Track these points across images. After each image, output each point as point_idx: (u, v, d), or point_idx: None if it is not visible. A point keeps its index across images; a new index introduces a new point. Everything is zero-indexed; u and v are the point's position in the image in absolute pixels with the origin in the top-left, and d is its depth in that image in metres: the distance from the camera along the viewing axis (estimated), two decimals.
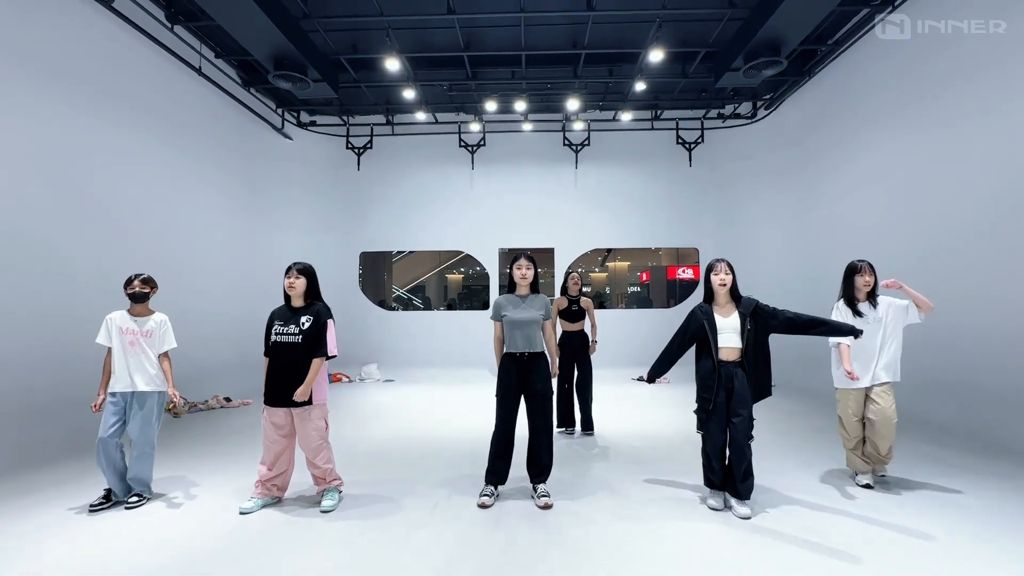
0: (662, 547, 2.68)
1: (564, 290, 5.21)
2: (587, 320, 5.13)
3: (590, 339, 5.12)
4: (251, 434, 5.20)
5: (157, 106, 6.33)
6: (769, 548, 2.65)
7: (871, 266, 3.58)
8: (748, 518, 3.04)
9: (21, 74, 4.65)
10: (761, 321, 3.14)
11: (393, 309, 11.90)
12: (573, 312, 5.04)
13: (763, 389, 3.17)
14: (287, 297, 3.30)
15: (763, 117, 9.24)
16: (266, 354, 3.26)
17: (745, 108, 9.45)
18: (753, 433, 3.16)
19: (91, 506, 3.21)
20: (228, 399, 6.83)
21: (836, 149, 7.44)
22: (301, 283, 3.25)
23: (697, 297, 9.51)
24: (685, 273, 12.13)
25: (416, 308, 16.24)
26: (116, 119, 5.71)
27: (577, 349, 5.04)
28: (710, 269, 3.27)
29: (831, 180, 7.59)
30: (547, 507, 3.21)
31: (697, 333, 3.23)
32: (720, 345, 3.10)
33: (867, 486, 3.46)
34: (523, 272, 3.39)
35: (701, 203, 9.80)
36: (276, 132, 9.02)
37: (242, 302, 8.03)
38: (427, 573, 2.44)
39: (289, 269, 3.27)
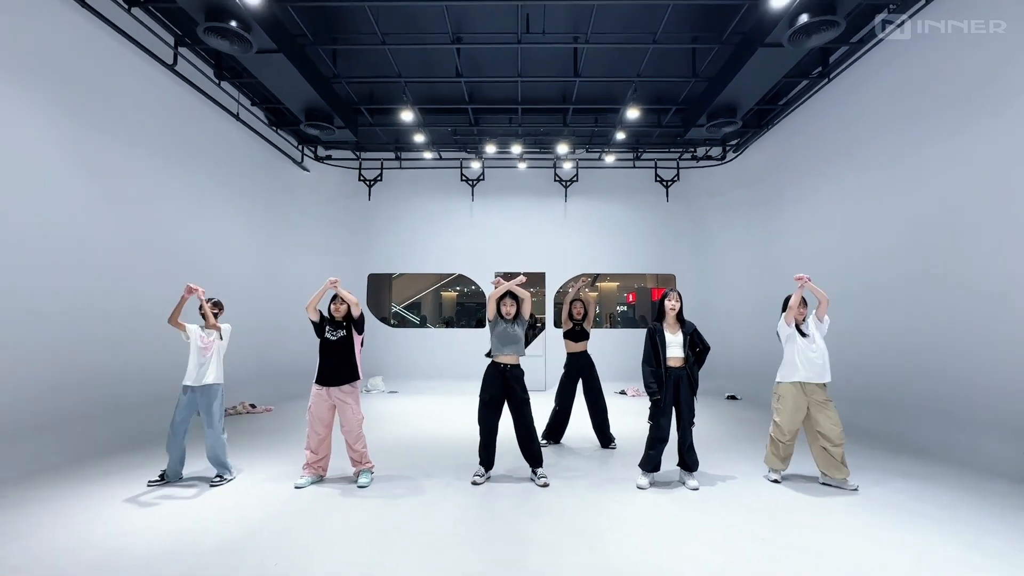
0: (622, 509, 3.63)
1: (569, 315, 5.62)
2: (589, 340, 5.59)
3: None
4: (281, 434, 6.08)
5: (201, 148, 7.32)
6: (707, 510, 3.61)
7: (804, 300, 4.40)
8: (696, 489, 4.01)
9: (100, 126, 5.63)
10: (694, 343, 4.15)
11: (394, 326, 12.79)
12: (577, 333, 5.55)
13: (695, 385, 4.15)
14: (331, 316, 4.30)
15: (731, 159, 10.41)
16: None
17: (716, 151, 10.63)
18: (695, 420, 4.15)
19: (149, 482, 4.09)
20: (253, 405, 7.67)
21: (793, 189, 8.56)
22: (344, 307, 4.28)
23: None
24: None
25: (415, 325, 17.09)
26: (170, 161, 6.68)
27: (583, 368, 5.50)
28: (665, 296, 4.26)
29: (789, 216, 8.70)
30: (546, 485, 4.12)
31: (653, 342, 4.16)
32: (668, 355, 4.08)
33: (776, 481, 4.18)
34: (507, 309, 4.36)
35: (677, 234, 10.90)
36: (296, 165, 10.03)
37: (263, 318, 8.90)
38: (443, 524, 3.36)
39: (334, 298, 4.28)
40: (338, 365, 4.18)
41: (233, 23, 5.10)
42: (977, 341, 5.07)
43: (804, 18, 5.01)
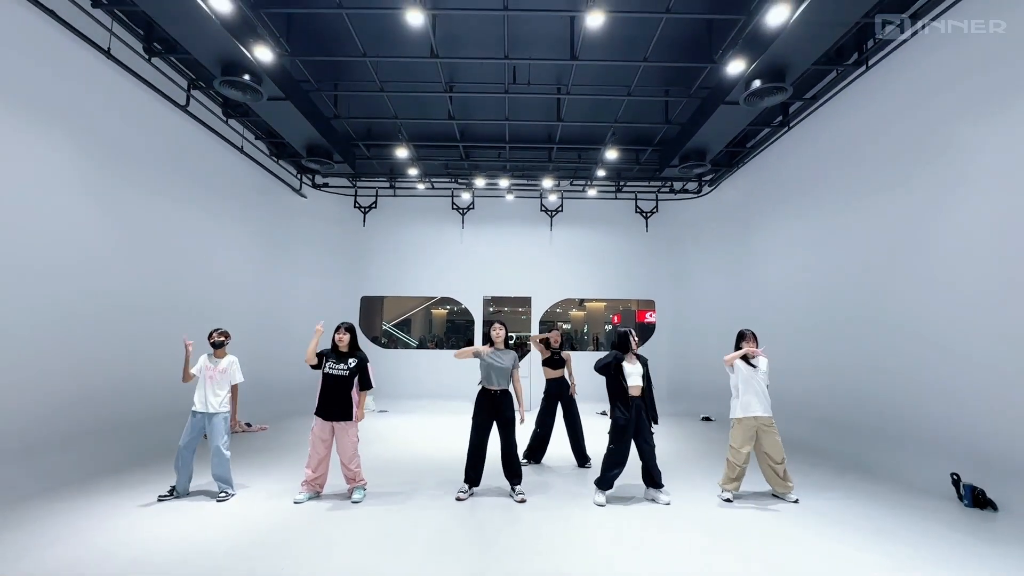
0: (588, 522, 4.09)
1: (547, 343, 6.01)
2: (566, 369, 5.97)
3: (570, 384, 6.00)
4: (278, 452, 6.43)
5: (208, 180, 7.79)
6: (664, 523, 4.07)
7: (754, 334, 5.00)
8: (669, 503, 4.47)
9: (118, 163, 6.09)
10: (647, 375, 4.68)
11: (385, 346, 13.17)
12: (555, 361, 5.95)
13: (655, 415, 4.65)
14: (335, 345, 4.68)
15: (706, 193, 11.11)
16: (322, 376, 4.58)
17: (692, 185, 11.34)
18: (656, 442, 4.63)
19: (159, 496, 4.45)
20: (249, 424, 7.99)
21: (761, 222, 9.21)
22: (347, 337, 4.66)
23: (656, 341, 11.07)
24: (652, 317, 13.74)
25: (408, 346, 17.45)
26: (180, 193, 7.14)
27: (561, 392, 5.93)
28: (628, 334, 4.77)
29: (758, 247, 9.33)
30: (523, 501, 4.54)
31: (611, 367, 4.63)
32: (630, 384, 4.57)
33: (728, 500, 4.58)
34: (498, 333, 4.85)
35: (656, 262, 11.54)
36: (294, 193, 10.52)
37: (259, 338, 9.26)
38: (429, 535, 3.78)
39: (339, 327, 4.67)
40: (337, 402, 4.50)
41: (246, 76, 5.63)
42: (916, 372, 5.64)
43: (757, 83, 5.67)
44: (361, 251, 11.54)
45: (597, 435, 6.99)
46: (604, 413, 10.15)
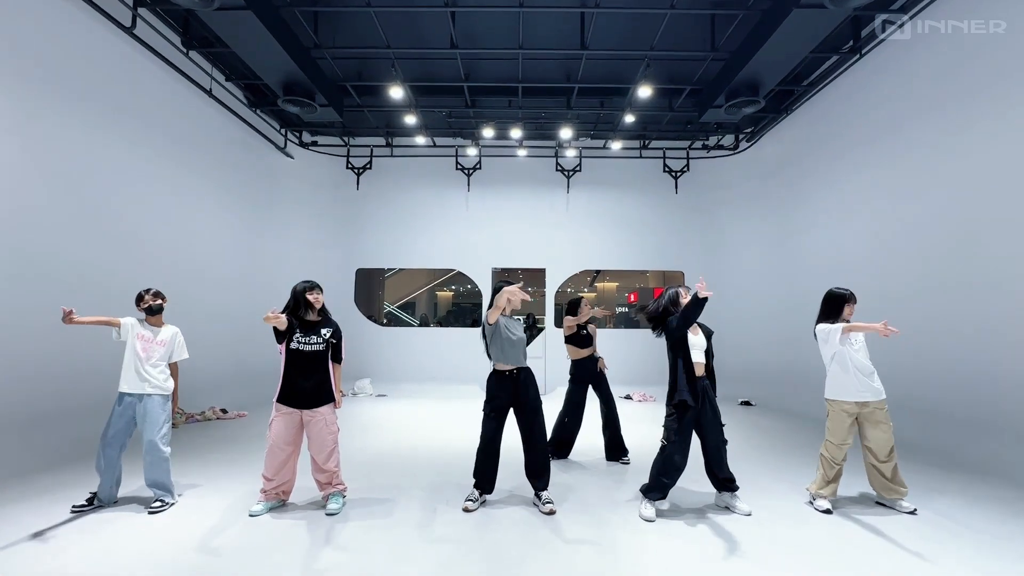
0: (640, 547, 2.95)
1: (575, 314, 4.89)
2: (596, 346, 4.93)
3: (599, 360, 4.91)
4: (250, 444, 5.36)
5: (169, 125, 6.59)
6: (743, 546, 2.92)
7: (854, 295, 3.73)
8: (750, 514, 3.38)
9: (46, 94, 4.91)
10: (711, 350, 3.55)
11: (385, 324, 12.09)
12: (582, 337, 4.84)
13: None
14: (307, 310, 3.54)
15: (744, 149, 9.77)
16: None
17: (728, 140, 9.98)
18: (726, 437, 3.50)
19: (73, 507, 3.38)
20: (224, 411, 6.94)
21: (810, 182, 7.94)
22: (322, 297, 3.55)
23: None
24: None
25: (408, 325, 16.37)
26: (132, 138, 5.96)
27: (591, 377, 4.85)
28: (678, 293, 3.60)
29: (805, 211, 8.07)
30: (552, 512, 3.41)
31: (680, 341, 3.44)
32: (694, 360, 3.40)
33: (828, 511, 3.47)
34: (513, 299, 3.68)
35: (686, 228, 10.23)
36: (279, 151, 9.31)
37: (241, 314, 8.16)
38: (428, 563, 2.67)
39: (313, 287, 3.54)
40: (312, 385, 3.43)
41: None
42: None
43: None
44: (355, 218, 10.31)
45: (627, 422, 5.90)
46: (629, 397, 9.04)
